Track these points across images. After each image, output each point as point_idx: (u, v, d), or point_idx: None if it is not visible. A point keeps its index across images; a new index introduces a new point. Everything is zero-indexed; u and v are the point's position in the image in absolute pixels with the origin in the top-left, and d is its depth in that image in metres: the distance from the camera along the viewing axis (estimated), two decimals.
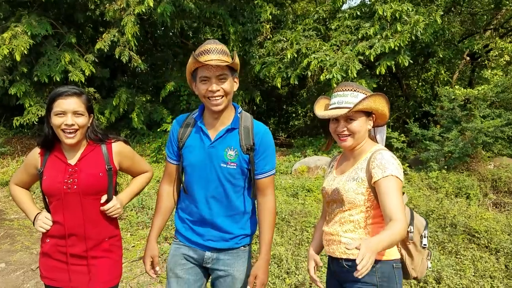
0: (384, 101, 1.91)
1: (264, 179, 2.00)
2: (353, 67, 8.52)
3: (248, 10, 10.83)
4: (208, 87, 1.87)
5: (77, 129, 1.96)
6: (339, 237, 1.89)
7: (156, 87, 12.37)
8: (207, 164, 1.96)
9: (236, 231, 2.02)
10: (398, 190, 1.73)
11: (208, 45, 1.88)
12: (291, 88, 14.94)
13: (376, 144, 1.98)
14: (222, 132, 1.96)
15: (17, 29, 8.67)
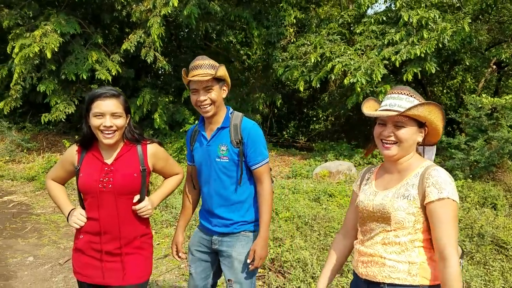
0: (440, 115, 1.70)
1: (258, 168, 2.25)
2: (378, 72, 8.47)
3: (273, 14, 10.87)
4: (197, 97, 2.19)
5: (115, 130, 2.00)
6: (383, 259, 1.69)
7: (179, 88, 12.50)
8: (207, 161, 2.29)
9: (236, 218, 2.29)
10: (454, 218, 1.57)
11: (197, 61, 2.21)
12: (313, 92, 14.92)
13: (426, 160, 1.76)
14: (215, 132, 2.27)
15: (47, 28, 8.87)
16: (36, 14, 9.90)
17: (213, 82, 2.17)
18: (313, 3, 13.23)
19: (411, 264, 1.63)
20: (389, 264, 1.67)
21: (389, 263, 1.67)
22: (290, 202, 5.74)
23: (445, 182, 1.58)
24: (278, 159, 10.11)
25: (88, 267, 2.09)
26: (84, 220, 2.07)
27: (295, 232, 4.63)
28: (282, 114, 15.93)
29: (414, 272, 1.63)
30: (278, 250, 4.14)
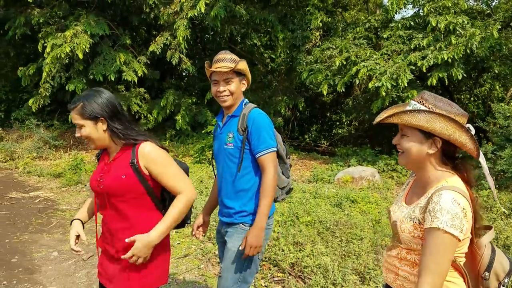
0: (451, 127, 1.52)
1: (262, 156, 2.26)
2: (404, 76, 8.36)
3: (299, 17, 10.86)
4: (217, 88, 2.32)
5: (86, 139, 1.99)
6: (397, 269, 1.70)
7: (202, 90, 12.62)
8: (219, 148, 2.41)
9: (237, 207, 2.33)
10: (440, 247, 1.45)
11: (220, 55, 2.33)
12: (336, 96, 14.81)
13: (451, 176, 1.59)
14: (226, 120, 2.40)
15: (78, 28, 9.10)
16: (66, 14, 10.17)
17: (233, 74, 2.29)
18: (340, 7, 13.17)
19: None
20: (402, 275, 1.68)
21: (402, 274, 1.68)
22: (311, 206, 5.70)
23: (441, 210, 1.46)
24: (299, 163, 10.06)
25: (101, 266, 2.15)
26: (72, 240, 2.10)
27: (316, 237, 4.59)
28: (305, 117, 15.87)
29: None
30: (298, 255, 4.11)
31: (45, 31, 9.61)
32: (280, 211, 5.35)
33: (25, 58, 12.21)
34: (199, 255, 4.46)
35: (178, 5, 9.48)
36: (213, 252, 4.44)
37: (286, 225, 4.88)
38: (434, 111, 1.53)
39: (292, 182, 7.76)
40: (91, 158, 9.47)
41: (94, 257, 4.50)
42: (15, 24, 9.92)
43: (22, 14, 9.90)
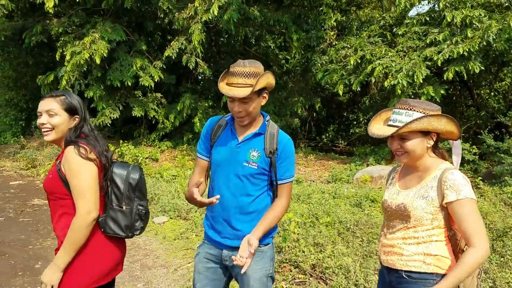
0: (444, 121, 1.85)
1: (283, 185, 2.14)
2: (419, 73, 8.26)
3: (312, 17, 10.82)
4: (233, 107, 2.04)
5: (50, 128, 2.00)
6: (402, 250, 1.91)
7: (218, 93, 12.66)
8: (232, 162, 2.11)
9: (250, 229, 2.03)
10: (476, 212, 1.78)
11: (237, 68, 2.02)
12: (353, 95, 14.70)
13: (443, 162, 1.93)
14: (249, 135, 2.12)
15: (95, 35, 9.24)
16: (83, 22, 10.34)
17: (252, 93, 1.97)
18: (354, 5, 13.08)
19: (426, 255, 1.85)
20: (407, 254, 1.89)
21: (406, 253, 1.89)
22: (331, 207, 5.66)
23: (461, 184, 1.78)
24: (317, 164, 10.02)
25: None
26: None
27: (336, 237, 4.56)
28: (321, 118, 15.78)
29: (428, 261, 1.84)
30: (319, 256, 4.09)
31: (63, 40, 9.78)
32: (300, 212, 5.33)
33: (43, 67, 12.45)
34: None
35: (192, 9, 9.55)
36: None
37: (306, 226, 4.85)
38: (431, 114, 1.84)
39: (311, 183, 7.73)
40: None
41: None
42: (31, 33, 10.12)
43: (40, 23, 10.10)
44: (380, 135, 1.91)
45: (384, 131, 1.91)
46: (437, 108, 1.88)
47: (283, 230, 4.67)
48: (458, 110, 13.11)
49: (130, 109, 10.60)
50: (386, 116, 2.03)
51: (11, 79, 13.59)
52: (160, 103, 11.19)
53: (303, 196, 6.28)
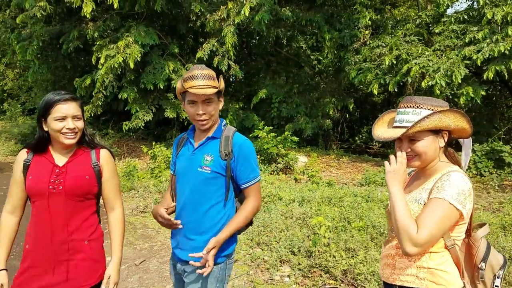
0: (455, 117, 1.68)
1: (250, 186, 2.07)
2: (458, 73, 7.97)
3: (346, 16, 10.63)
4: (195, 110, 2.02)
5: (77, 131, 2.02)
6: (394, 261, 1.75)
7: (249, 95, 12.66)
8: (188, 170, 2.08)
9: (201, 243, 1.96)
10: (440, 212, 1.56)
11: (195, 71, 2.01)
12: (388, 96, 14.34)
13: (451, 165, 1.73)
14: (204, 141, 2.10)
15: (129, 39, 9.41)
16: (117, 27, 10.56)
17: (213, 95, 2.01)
18: (389, 4, 12.78)
19: (419, 268, 1.66)
20: (399, 267, 1.72)
21: (398, 266, 1.73)
22: (364, 211, 5.48)
23: (450, 186, 1.59)
24: (350, 166, 9.80)
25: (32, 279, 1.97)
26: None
27: (369, 243, 4.40)
28: (354, 119, 15.50)
29: (421, 275, 1.66)
30: (351, 261, 3.95)
31: (98, 44, 10.02)
32: (331, 216, 5.19)
33: (80, 70, 12.83)
34: (248, 261, 4.40)
35: (224, 11, 9.57)
36: (262, 258, 4.37)
37: (337, 230, 4.71)
38: (441, 110, 1.66)
39: (343, 186, 7.55)
40: (143, 165, 9.73)
41: (146, 261, 4.56)
42: (69, 38, 10.42)
43: (76, 28, 10.38)
44: (387, 138, 1.76)
45: (391, 134, 1.74)
46: (445, 104, 1.72)
47: (313, 234, 4.55)
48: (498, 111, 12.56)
49: (162, 111, 10.73)
50: (390, 117, 1.88)
51: (49, 82, 14.07)
52: None
53: (334, 199, 6.12)
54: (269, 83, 11.80)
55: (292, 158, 8.67)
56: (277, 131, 9.49)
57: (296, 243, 4.39)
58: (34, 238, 2.00)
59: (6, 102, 20.55)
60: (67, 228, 2.00)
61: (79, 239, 2.02)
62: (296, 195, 6.26)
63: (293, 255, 4.29)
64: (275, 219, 5.18)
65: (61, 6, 10.31)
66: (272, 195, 6.35)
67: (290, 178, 8.08)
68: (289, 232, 4.79)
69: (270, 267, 4.17)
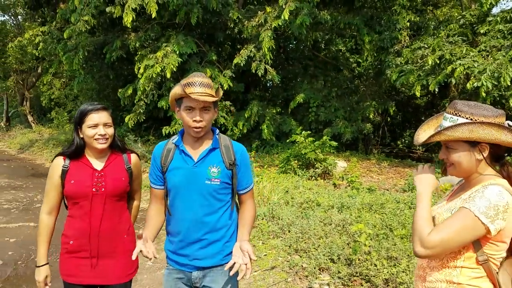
0: (494, 130, 1.54)
1: (248, 192, 2.18)
2: (507, 74, 7.58)
3: (385, 18, 10.41)
4: (192, 116, 2.00)
5: (107, 137, 2.25)
6: (425, 274, 1.71)
7: (286, 100, 12.61)
8: (192, 183, 2.06)
9: (222, 247, 2.10)
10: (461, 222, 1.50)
11: (195, 78, 2.03)
12: (431, 98, 13.89)
13: (497, 178, 1.62)
14: (205, 152, 2.07)
15: (168, 49, 9.62)
16: (158, 36, 10.83)
17: (212, 103, 2.04)
18: (431, 4, 12.42)
19: (449, 283, 1.60)
20: (429, 280, 1.67)
21: (429, 279, 1.68)
22: (407, 218, 5.29)
23: (481, 198, 1.51)
24: (391, 171, 9.52)
25: (79, 268, 2.24)
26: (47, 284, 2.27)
27: (412, 251, 4.22)
28: (396, 122, 15.09)
29: None
30: (393, 270, 3.80)
31: (140, 54, 10.31)
32: (372, 223, 5.04)
33: (123, 79, 13.24)
34: (286, 268, 4.34)
35: (262, 17, 9.62)
36: (300, 265, 4.30)
37: (378, 238, 4.56)
38: (474, 121, 1.57)
39: (384, 192, 7.34)
40: None
41: None
42: (112, 48, 10.78)
43: (119, 38, 10.73)
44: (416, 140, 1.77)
45: (421, 138, 1.74)
46: (496, 114, 1.58)
47: (353, 242, 4.43)
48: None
49: None
50: (437, 122, 1.80)
51: (94, 91, 14.62)
52: (229, 110, 11.36)
53: (375, 206, 5.95)
54: (307, 87, 11.70)
55: (331, 163, 8.52)
56: (315, 136, 9.37)
57: (336, 250, 4.29)
58: (77, 235, 2.24)
59: (54, 111, 21.54)
60: (109, 224, 2.26)
61: (119, 233, 2.31)
62: (335, 201, 6.14)
63: (333, 262, 4.19)
64: (313, 226, 5.09)
65: (103, 17, 10.70)
66: (310, 201, 6.25)
67: (329, 184, 7.94)
68: (328, 239, 4.69)
69: (309, 274, 4.09)
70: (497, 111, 1.61)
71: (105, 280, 2.27)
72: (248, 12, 10.68)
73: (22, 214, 6.93)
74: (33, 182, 9.93)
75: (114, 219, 2.29)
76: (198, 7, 9.67)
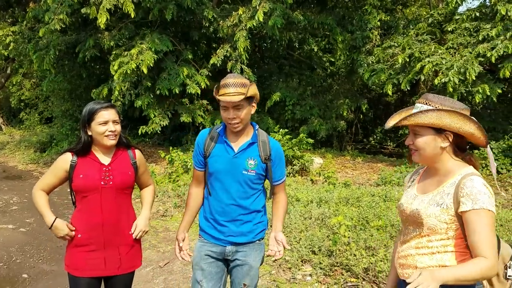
0: (460, 120, 1.67)
1: (280, 184, 2.45)
2: (472, 70, 7.94)
3: (357, 18, 10.68)
4: (227, 115, 2.25)
5: (117, 134, 2.38)
6: (415, 261, 1.78)
7: (262, 98, 12.71)
8: (231, 171, 2.33)
9: (253, 227, 2.39)
10: (489, 225, 1.60)
11: (229, 79, 2.25)
12: (401, 95, 14.32)
13: (466, 166, 1.75)
14: (244, 145, 2.33)
15: (143, 46, 9.58)
16: (132, 35, 10.73)
17: (243, 101, 2.22)
18: (400, 4, 12.79)
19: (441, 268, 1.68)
20: (420, 266, 1.74)
21: (420, 266, 1.75)
22: (382, 210, 5.53)
23: (479, 193, 1.62)
24: (365, 166, 9.82)
25: (87, 262, 2.35)
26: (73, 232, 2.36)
27: (389, 241, 4.44)
28: (368, 119, 15.46)
29: None
30: (371, 260, 4.00)
31: (115, 54, 10.19)
32: (349, 215, 5.24)
33: (96, 79, 13.04)
34: (269, 261, 4.48)
35: (236, 17, 9.70)
36: (283, 258, 4.45)
37: (356, 229, 4.77)
38: (442, 109, 1.68)
39: (359, 186, 7.59)
40: (161, 170, 9.87)
41: (170, 263, 4.67)
42: (85, 47, 10.61)
43: (92, 37, 10.59)
44: (386, 125, 1.89)
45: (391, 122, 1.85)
46: (462, 107, 1.72)
47: (333, 234, 4.61)
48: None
49: (178, 117, 10.88)
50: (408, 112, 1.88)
51: (66, 91, 14.32)
52: (206, 109, 11.42)
53: (352, 199, 6.17)
54: (282, 86, 11.88)
55: (308, 160, 8.73)
56: (291, 134, 9.56)
57: (316, 242, 4.46)
58: (87, 228, 2.36)
59: (24, 112, 20.97)
60: (118, 216, 2.40)
61: (125, 227, 2.44)
62: (314, 196, 6.33)
63: (314, 254, 4.36)
64: (294, 220, 5.26)
65: (75, 16, 10.53)
66: (290, 197, 6.42)
67: (307, 180, 8.15)
68: (308, 232, 4.86)
69: (292, 266, 4.25)
70: (464, 105, 1.74)
71: (111, 272, 2.40)
72: (223, 11, 10.74)
73: None
74: (7, 184, 9.72)
75: (123, 212, 2.44)
76: (173, 4, 9.67)
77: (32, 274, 4.58)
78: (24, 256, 5.09)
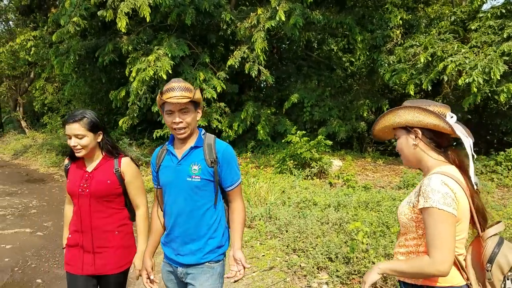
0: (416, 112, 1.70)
1: (234, 189, 2.25)
2: (496, 69, 7.66)
3: (377, 17, 10.45)
4: (172, 119, 2.15)
5: (81, 148, 2.37)
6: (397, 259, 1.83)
7: (280, 100, 12.61)
8: (176, 180, 2.19)
9: (203, 244, 2.18)
10: (437, 224, 1.58)
11: (173, 84, 2.16)
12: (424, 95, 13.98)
13: (445, 164, 1.72)
14: (187, 151, 2.20)
15: (160, 52, 9.59)
16: (150, 39, 10.79)
17: (189, 104, 2.15)
18: (422, 2, 12.50)
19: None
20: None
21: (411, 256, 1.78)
22: None
23: (432, 191, 1.60)
24: (386, 169, 9.57)
25: (73, 259, 2.47)
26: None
27: None
28: None
29: None
30: None
31: (132, 57, 10.26)
32: (368, 220, 5.06)
33: (116, 82, 13.17)
34: (284, 268, 4.35)
35: (254, 18, 9.61)
36: (298, 265, 4.31)
37: (375, 236, 4.59)
38: (399, 107, 1.73)
39: (380, 189, 7.37)
40: None
41: None
42: (104, 51, 10.72)
43: (111, 41, 10.68)
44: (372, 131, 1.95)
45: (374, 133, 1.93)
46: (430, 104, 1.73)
47: (350, 240, 4.45)
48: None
49: None
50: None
51: (87, 95, 14.53)
52: (223, 112, 11.36)
53: (371, 204, 5.98)
54: (301, 87, 11.72)
55: (326, 162, 8.54)
56: (310, 135, 9.39)
57: (333, 249, 4.31)
58: (72, 228, 2.49)
59: (47, 116, 21.39)
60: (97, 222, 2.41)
61: (108, 230, 2.44)
62: (332, 200, 6.16)
63: (331, 261, 4.21)
64: (310, 225, 5.11)
65: (95, 20, 10.64)
66: (307, 201, 6.27)
67: (325, 183, 7.97)
68: (325, 238, 4.71)
69: (307, 274, 4.11)
70: (436, 103, 1.74)
71: (97, 271, 2.44)
72: (241, 13, 10.68)
73: (17, 220, 6.89)
74: (28, 187, 9.87)
75: (102, 218, 2.44)
76: (192, 8, 9.65)
77: (46, 279, 4.58)
78: (40, 261, 5.10)
